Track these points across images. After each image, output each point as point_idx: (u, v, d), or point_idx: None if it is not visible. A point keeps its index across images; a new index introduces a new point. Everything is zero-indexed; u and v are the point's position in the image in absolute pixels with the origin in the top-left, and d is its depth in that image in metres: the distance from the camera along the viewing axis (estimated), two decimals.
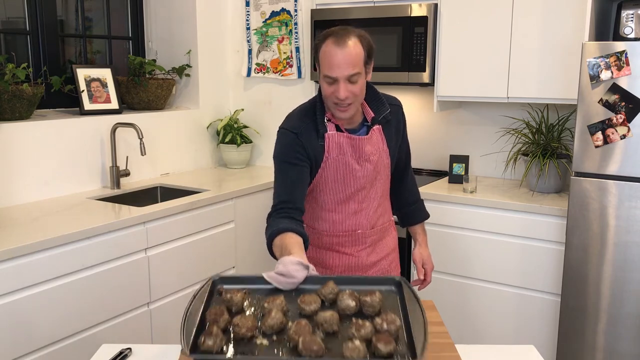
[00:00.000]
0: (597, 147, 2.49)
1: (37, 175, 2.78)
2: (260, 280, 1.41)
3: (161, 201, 3.18)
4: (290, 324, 1.23)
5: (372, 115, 1.91)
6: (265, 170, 3.68)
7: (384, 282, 1.43)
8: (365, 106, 1.92)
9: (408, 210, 2.18)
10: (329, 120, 1.88)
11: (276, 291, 1.39)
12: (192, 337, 1.16)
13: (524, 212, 2.82)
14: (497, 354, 1.66)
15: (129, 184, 3.16)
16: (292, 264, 1.46)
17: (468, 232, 2.96)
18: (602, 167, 2.50)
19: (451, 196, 2.97)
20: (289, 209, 1.79)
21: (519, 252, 2.85)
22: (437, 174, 3.51)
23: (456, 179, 3.27)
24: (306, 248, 1.72)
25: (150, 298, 2.65)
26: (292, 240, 1.67)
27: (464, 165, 3.28)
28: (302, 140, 1.84)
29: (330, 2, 3.36)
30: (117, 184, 3.07)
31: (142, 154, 2.99)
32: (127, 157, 3.16)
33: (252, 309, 1.32)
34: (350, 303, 1.29)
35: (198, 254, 2.88)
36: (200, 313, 1.26)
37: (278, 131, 1.90)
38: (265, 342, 1.20)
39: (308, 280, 1.41)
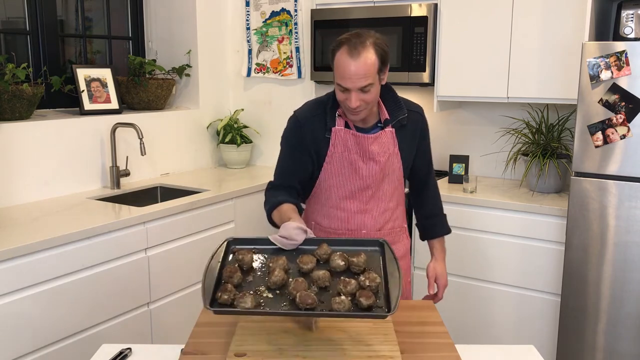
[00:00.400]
0: (597, 147, 2.49)
1: (37, 175, 2.78)
2: (267, 241, 1.64)
3: (161, 201, 3.18)
4: (290, 280, 1.48)
5: (387, 117, 1.91)
6: (265, 170, 3.68)
7: (370, 243, 1.64)
8: (382, 107, 1.92)
9: (427, 223, 2.13)
10: (339, 115, 1.89)
11: (279, 251, 1.62)
12: (211, 293, 1.40)
13: (524, 212, 2.82)
14: (497, 354, 1.66)
15: (129, 184, 3.16)
16: (293, 228, 1.64)
17: (468, 232, 2.96)
18: (602, 167, 2.50)
19: (451, 196, 2.97)
20: (285, 187, 1.93)
21: (519, 252, 2.85)
22: (437, 174, 3.49)
23: (456, 179, 3.27)
24: (300, 213, 1.88)
25: (150, 298, 2.65)
26: (289, 207, 1.83)
27: (464, 165, 3.28)
28: (304, 131, 1.90)
29: (330, 2, 3.36)
30: (117, 184, 3.07)
31: (142, 154, 2.99)
32: (127, 157, 3.16)
33: (260, 265, 1.59)
34: (340, 262, 1.53)
35: (198, 254, 2.88)
36: (217, 271, 1.49)
37: (291, 115, 1.98)
38: (270, 295, 1.45)
39: (306, 242, 1.63)
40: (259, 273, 1.53)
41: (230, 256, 1.61)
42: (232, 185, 3.19)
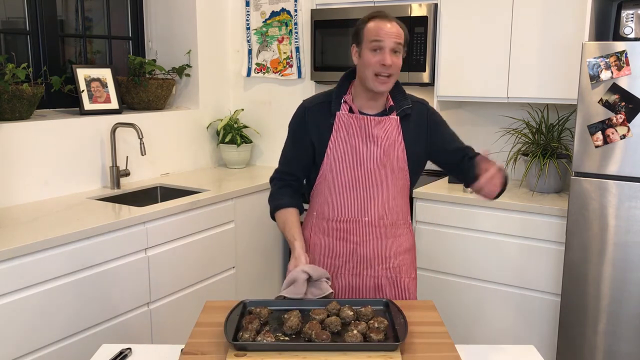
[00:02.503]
0: (597, 147, 2.49)
1: (37, 175, 2.78)
2: (280, 302, 1.77)
3: (161, 201, 3.18)
4: (305, 325, 1.60)
5: (392, 104, 1.97)
6: (265, 170, 3.68)
7: (375, 303, 1.77)
8: (388, 96, 1.98)
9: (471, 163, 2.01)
10: (345, 102, 1.95)
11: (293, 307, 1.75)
12: (232, 334, 1.54)
13: (524, 212, 2.82)
14: (497, 354, 1.67)
15: (129, 184, 3.16)
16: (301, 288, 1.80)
17: (468, 232, 2.96)
18: (602, 167, 2.50)
19: (451, 196, 2.97)
20: (288, 179, 2.04)
21: (518, 252, 2.85)
22: (437, 174, 3.51)
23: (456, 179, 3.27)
24: (301, 212, 2.04)
25: (150, 298, 2.65)
26: (292, 218, 1.99)
27: None
28: (307, 115, 1.98)
29: (330, 2, 3.36)
30: (117, 184, 3.07)
31: (142, 154, 2.99)
32: (127, 157, 3.16)
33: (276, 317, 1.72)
34: (349, 312, 1.66)
35: (198, 254, 2.88)
36: (236, 321, 1.63)
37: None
38: (287, 338, 1.56)
39: (316, 302, 1.77)
40: (274, 325, 1.65)
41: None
42: (232, 185, 3.19)
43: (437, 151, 2.04)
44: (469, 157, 2.04)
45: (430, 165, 2.87)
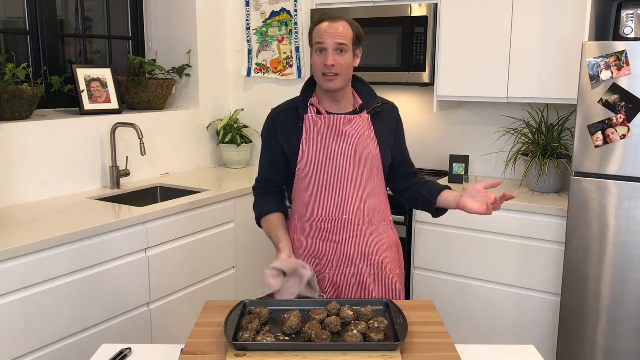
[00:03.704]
0: (597, 147, 2.49)
1: (37, 175, 2.78)
2: (280, 302, 1.80)
3: (161, 201, 3.18)
4: (305, 325, 1.61)
5: (361, 102, 2.02)
6: None
7: (375, 303, 1.77)
8: (356, 96, 2.03)
9: (425, 188, 2.06)
10: (312, 105, 2.00)
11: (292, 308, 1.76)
12: (232, 334, 1.54)
13: (524, 212, 2.82)
14: (497, 354, 1.66)
15: (129, 184, 3.16)
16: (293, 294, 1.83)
17: (468, 232, 2.96)
18: (602, 167, 2.50)
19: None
20: (267, 187, 2.10)
21: (518, 252, 2.85)
22: (437, 174, 3.51)
23: (456, 179, 3.27)
24: (286, 218, 2.08)
25: (150, 298, 2.65)
26: (277, 223, 2.02)
27: (464, 165, 3.28)
28: (276, 122, 2.04)
29: (330, 2, 3.36)
30: (117, 184, 3.07)
31: (142, 154, 2.99)
32: (127, 157, 3.16)
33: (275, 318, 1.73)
34: (349, 312, 1.66)
35: (198, 254, 2.88)
36: (236, 322, 1.63)
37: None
38: (287, 338, 1.57)
39: (316, 302, 1.78)
40: (274, 325, 1.65)
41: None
42: (232, 185, 3.19)
43: (395, 149, 2.08)
44: (413, 172, 2.13)
45: (430, 166, 2.90)
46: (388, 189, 2.12)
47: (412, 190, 2.09)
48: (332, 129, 1.96)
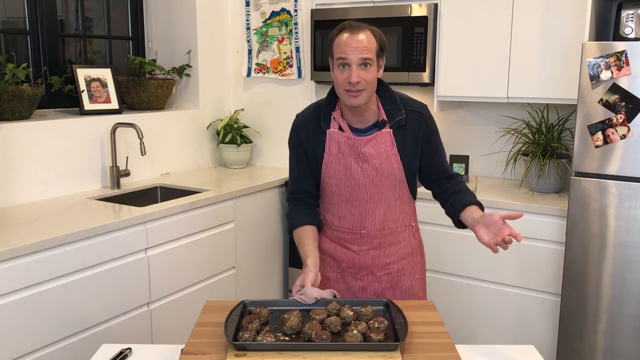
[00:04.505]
0: (597, 147, 2.49)
1: (37, 175, 2.78)
2: (280, 302, 1.81)
3: (161, 201, 3.18)
4: (305, 325, 1.61)
5: (384, 118, 1.92)
6: (265, 170, 3.68)
7: (375, 303, 1.77)
8: (380, 108, 1.93)
9: (454, 198, 2.00)
10: (334, 118, 1.93)
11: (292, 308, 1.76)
12: (232, 334, 1.55)
13: (524, 212, 2.81)
14: (497, 354, 1.66)
15: (129, 184, 3.16)
16: (313, 297, 1.77)
17: (468, 232, 2.94)
18: (602, 167, 2.50)
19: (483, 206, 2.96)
20: (300, 197, 2.04)
21: (519, 252, 2.85)
22: None
23: None
24: (319, 230, 2.03)
25: (150, 298, 2.65)
26: (308, 238, 1.95)
27: (464, 165, 3.28)
28: (301, 134, 1.97)
29: (330, 2, 3.36)
30: (117, 184, 3.07)
31: (142, 154, 2.99)
32: (127, 157, 3.16)
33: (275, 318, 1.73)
34: (349, 312, 1.66)
35: (198, 254, 2.88)
36: (236, 322, 1.64)
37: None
38: (287, 338, 1.57)
39: (317, 302, 1.77)
40: (275, 325, 1.65)
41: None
42: (232, 185, 3.19)
43: (421, 157, 2.00)
44: (446, 177, 2.03)
45: None
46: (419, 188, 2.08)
47: (442, 197, 2.04)
48: (352, 148, 1.91)
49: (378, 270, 2.01)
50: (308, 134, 1.96)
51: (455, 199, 1.98)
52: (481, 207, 1.95)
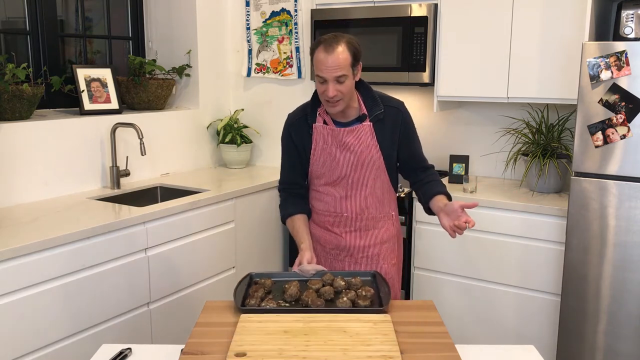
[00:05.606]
0: (597, 147, 2.49)
1: (37, 175, 2.78)
2: (283, 274, 2.10)
3: (161, 201, 3.18)
4: (303, 294, 1.86)
5: (365, 112, 2.13)
6: (265, 170, 3.68)
7: (363, 274, 2.01)
8: (361, 103, 2.14)
9: (425, 187, 2.17)
10: (319, 114, 2.15)
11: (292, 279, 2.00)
12: (241, 300, 1.79)
13: (524, 212, 2.82)
14: (497, 354, 1.67)
15: (129, 184, 3.16)
16: (309, 271, 2.03)
17: (468, 232, 2.95)
18: (602, 167, 2.50)
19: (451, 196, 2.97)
20: (290, 188, 2.26)
21: (519, 252, 2.85)
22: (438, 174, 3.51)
23: (456, 179, 3.27)
24: (309, 218, 2.26)
25: (150, 298, 2.65)
26: (300, 224, 2.19)
27: (464, 165, 3.28)
28: (291, 130, 2.20)
29: (330, 2, 3.36)
30: (117, 184, 3.07)
31: (142, 154, 2.99)
32: (127, 157, 3.16)
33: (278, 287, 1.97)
34: (341, 282, 1.91)
35: (198, 254, 2.88)
36: (244, 291, 1.87)
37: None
38: (287, 304, 1.81)
39: (315, 274, 2.03)
40: (277, 294, 1.89)
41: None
42: (232, 185, 3.19)
43: (399, 149, 2.18)
44: (422, 168, 2.22)
45: None
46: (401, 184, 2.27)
47: (416, 186, 2.23)
48: (336, 138, 2.12)
49: (357, 252, 2.21)
50: (297, 129, 2.18)
51: (427, 188, 2.16)
52: (449, 197, 2.12)
